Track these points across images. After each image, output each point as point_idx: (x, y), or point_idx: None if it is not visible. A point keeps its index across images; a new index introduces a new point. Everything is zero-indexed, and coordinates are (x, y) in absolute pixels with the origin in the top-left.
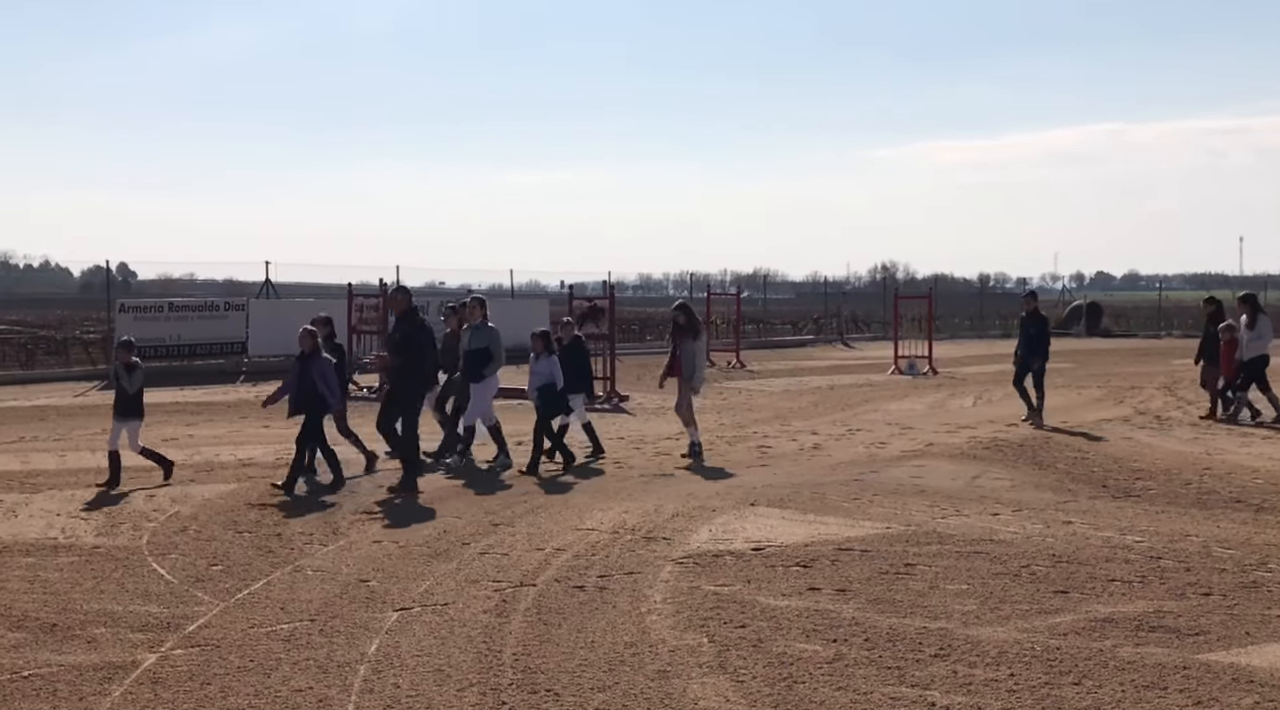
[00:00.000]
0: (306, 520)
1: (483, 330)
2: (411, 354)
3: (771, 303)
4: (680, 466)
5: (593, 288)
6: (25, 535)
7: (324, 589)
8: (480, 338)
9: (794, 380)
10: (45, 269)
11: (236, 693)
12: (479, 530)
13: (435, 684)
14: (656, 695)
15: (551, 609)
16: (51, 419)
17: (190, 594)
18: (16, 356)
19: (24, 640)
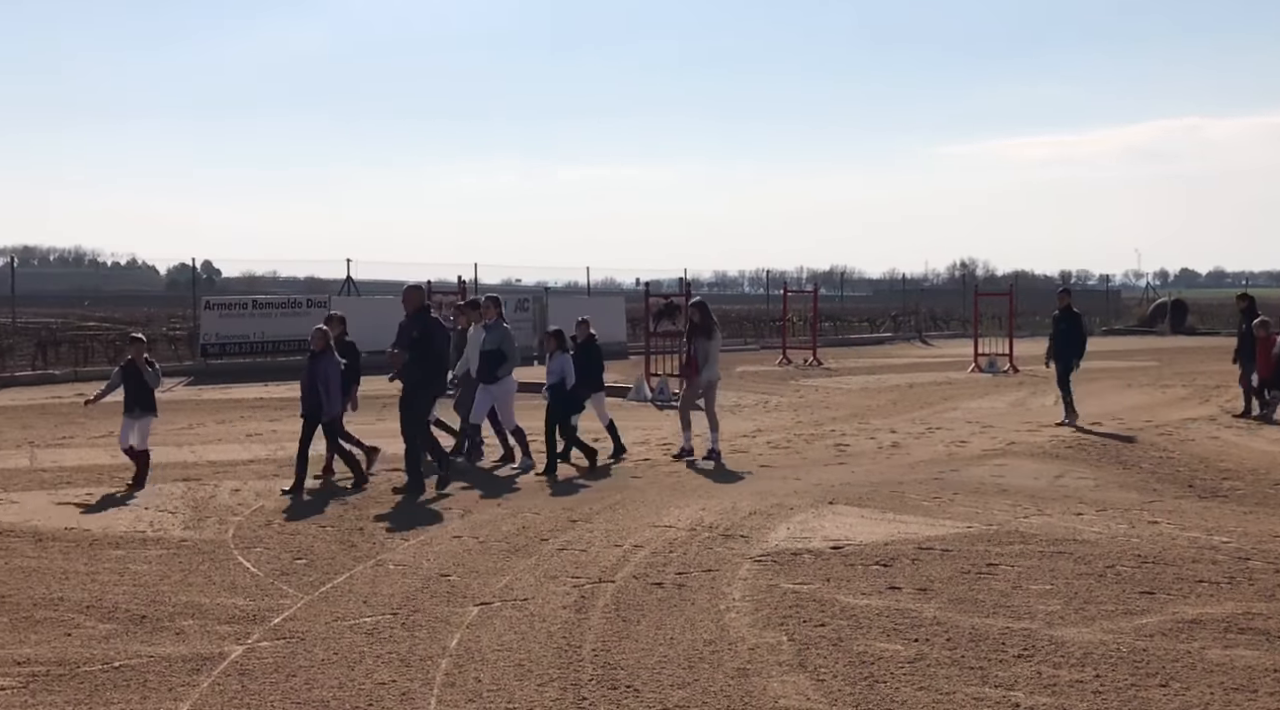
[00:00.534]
0: (388, 515)
1: (496, 330)
2: (428, 352)
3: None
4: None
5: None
6: (115, 528)
7: (405, 583)
8: (494, 338)
9: (872, 378)
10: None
11: (321, 685)
12: (557, 526)
13: (516, 679)
14: (736, 693)
15: (630, 605)
16: None
17: (275, 587)
18: (105, 353)
19: (114, 631)
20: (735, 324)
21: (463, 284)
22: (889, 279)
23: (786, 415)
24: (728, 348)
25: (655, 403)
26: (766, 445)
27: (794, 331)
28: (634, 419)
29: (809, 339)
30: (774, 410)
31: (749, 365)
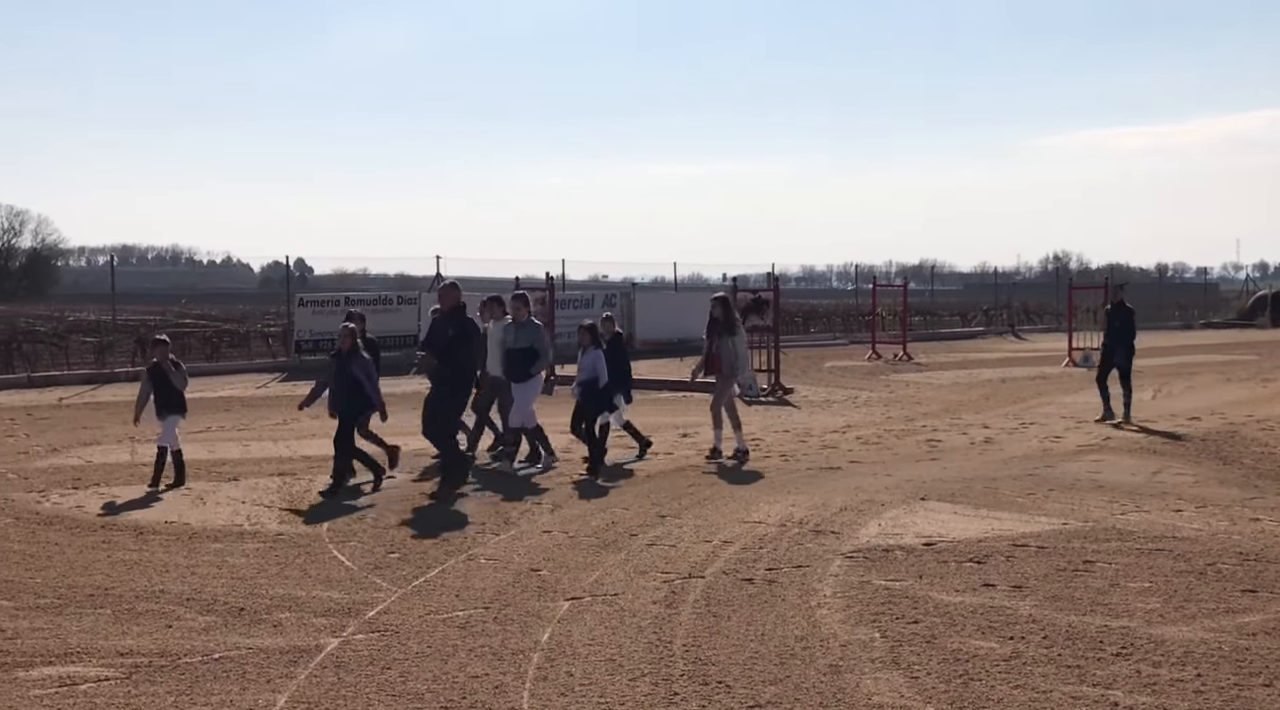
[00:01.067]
0: (478, 510)
1: (528, 328)
2: (463, 352)
3: (939, 294)
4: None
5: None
6: (213, 522)
7: (497, 577)
8: (525, 336)
9: (963, 373)
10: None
11: (415, 678)
12: (647, 522)
13: (607, 673)
14: (829, 690)
15: (720, 601)
16: (236, 409)
17: (369, 581)
18: (202, 350)
19: (213, 623)
20: (823, 319)
21: (550, 280)
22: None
23: (876, 410)
24: (816, 342)
25: (744, 398)
26: (856, 441)
27: (883, 326)
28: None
29: (898, 334)
30: (864, 405)
31: (837, 360)
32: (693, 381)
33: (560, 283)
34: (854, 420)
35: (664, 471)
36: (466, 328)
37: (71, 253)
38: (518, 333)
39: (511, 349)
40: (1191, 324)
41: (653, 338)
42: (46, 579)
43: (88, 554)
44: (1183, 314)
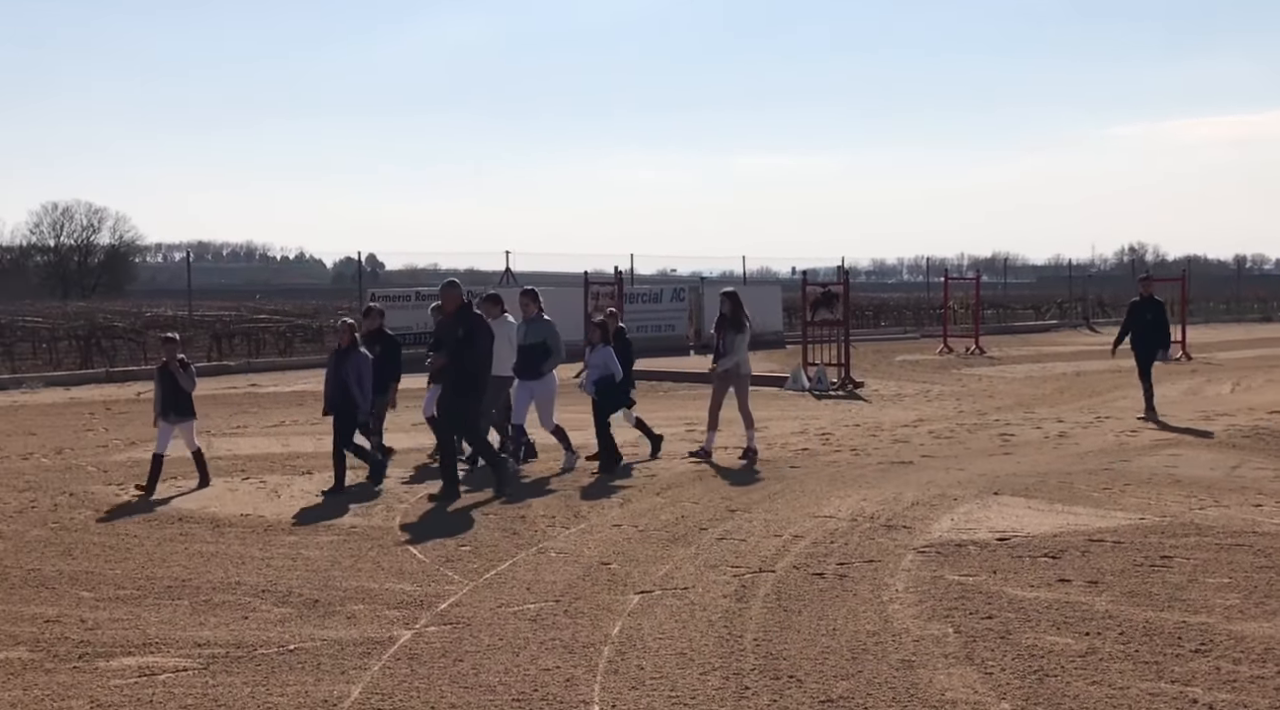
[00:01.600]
0: (548, 503)
1: (539, 324)
2: (470, 352)
3: (1011, 287)
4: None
5: (825, 273)
6: (287, 514)
7: (567, 571)
8: (536, 332)
9: (1037, 366)
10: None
11: (487, 670)
12: (716, 516)
13: (678, 667)
14: (901, 685)
15: (791, 595)
16: (309, 404)
17: (441, 573)
18: (275, 344)
19: (288, 615)
20: (894, 312)
21: (619, 275)
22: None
23: (949, 404)
24: (886, 336)
25: (813, 392)
26: (929, 435)
27: (955, 319)
28: (791, 408)
29: (971, 327)
30: (935, 399)
31: (909, 354)
32: (713, 374)
33: (629, 277)
34: (925, 414)
35: (732, 466)
36: (474, 326)
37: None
38: (529, 329)
39: (523, 346)
40: (1271, 316)
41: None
42: (125, 570)
43: (165, 546)
44: (1262, 306)
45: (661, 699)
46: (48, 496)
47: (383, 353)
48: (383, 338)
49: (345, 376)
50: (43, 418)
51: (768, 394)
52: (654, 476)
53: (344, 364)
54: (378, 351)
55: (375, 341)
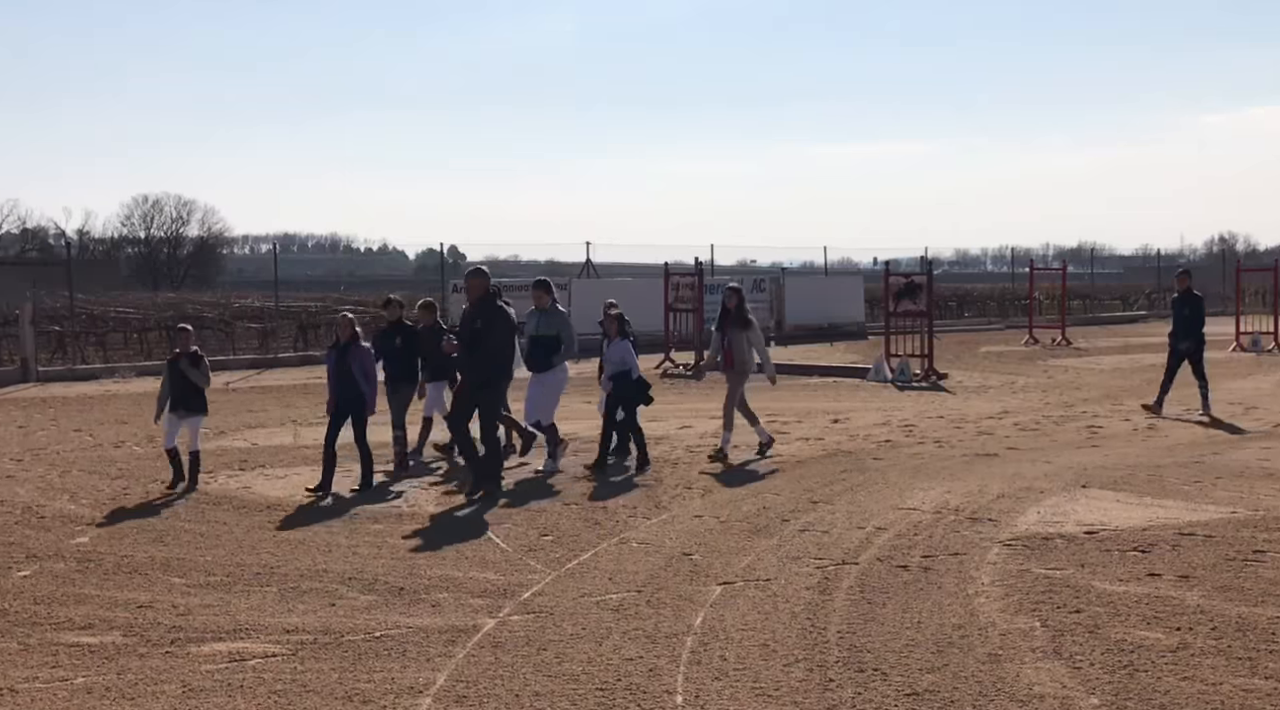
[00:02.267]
0: (629, 495)
1: (553, 315)
2: (493, 342)
3: (1098, 277)
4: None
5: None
6: (373, 503)
7: (649, 561)
8: (550, 323)
9: (1124, 358)
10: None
11: (571, 659)
12: (798, 507)
13: (761, 658)
14: (988, 679)
15: (875, 588)
16: None
17: (524, 562)
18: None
19: (375, 602)
20: (978, 303)
21: (699, 265)
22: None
23: (1034, 396)
24: (971, 327)
25: (896, 383)
26: (1014, 427)
27: (1040, 310)
28: (874, 400)
29: (1056, 318)
30: (1021, 391)
31: (993, 345)
32: (699, 377)
33: (709, 268)
34: (1011, 406)
35: (815, 457)
36: (493, 318)
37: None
38: (541, 320)
39: (534, 336)
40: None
41: (802, 322)
42: (215, 557)
43: (254, 533)
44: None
45: (745, 690)
46: (139, 484)
47: (404, 344)
48: (403, 329)
49: (352, 371)
50: (134, 406)
51: (849, 385)
52: (735, 468)
53: (346, 359)
54: (399, 344)
55: (397, 333)
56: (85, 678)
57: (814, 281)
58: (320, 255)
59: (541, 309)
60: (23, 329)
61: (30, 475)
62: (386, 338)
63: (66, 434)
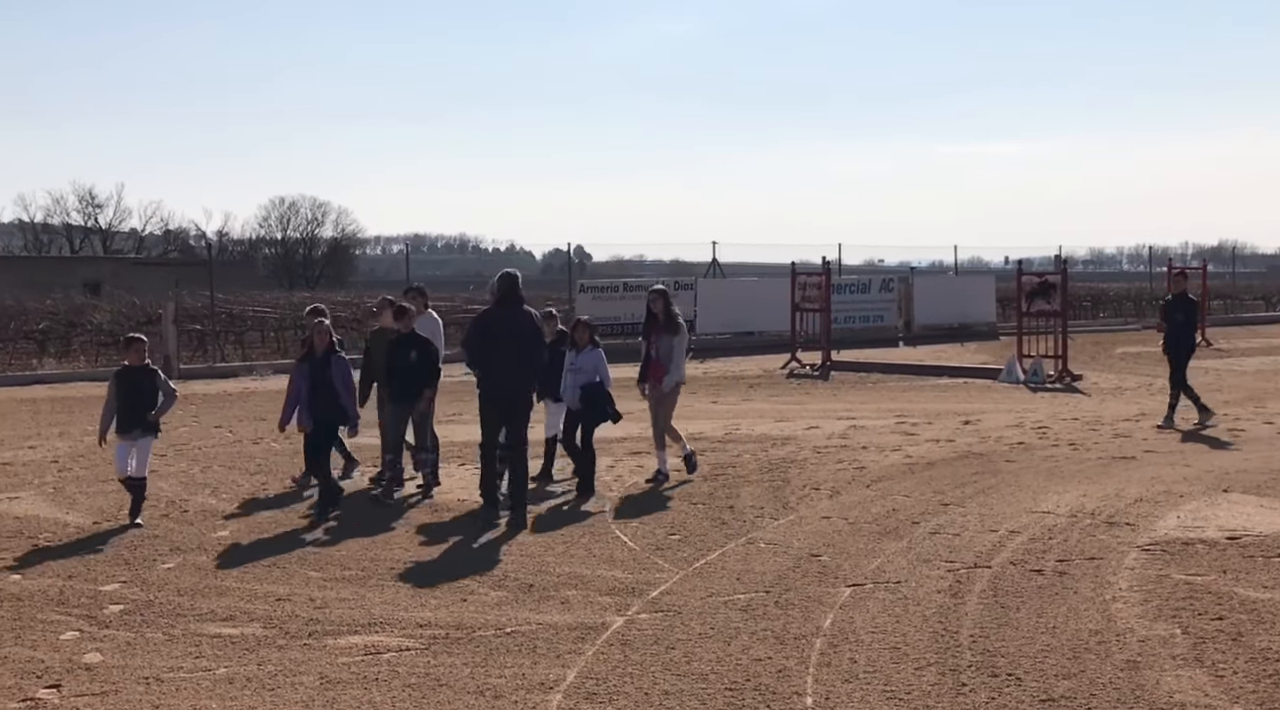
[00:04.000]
0: (756, 494)
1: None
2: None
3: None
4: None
5: (1040, 263)
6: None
7: (777, 562)
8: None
9: (1269, 359)
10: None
11: (699, 658)
12: (928, 509)
13: (892, 661)
14: (1126, 686)
15: (1008, 592)
16: None
17: (651, 561)
18: None
19: (505, 599)
20: (1113, 303)
21: (826, 265)
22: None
23: None
24: (1106, 327)
25: (1029, 384)
26: (1151, 429)
27: None
28: (1006, 401)
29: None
30: (1159, 393)
31: (1129, 346)
32: (644, 394)
33: (837, 267)
34: (1148, 408)
35: (945, 459)
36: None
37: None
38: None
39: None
40: None
41: (931, 323)
42: (351, 552)
43: (389, 529)
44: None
45: (876, 693)
46: (277, 479)
47: (419, 357)
48: (418, 341)
49: (332, 384)
50: (272, 403)
51: (980, 386)
52: (863, 469)
53: (326, 370)
54: (414, 357)
55: (411, 345)
56: (227, 668)
57: (944, 281)
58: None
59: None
60: (165, 327)
61: (173, 470)
62: (401, 348)
63: (208, 430)
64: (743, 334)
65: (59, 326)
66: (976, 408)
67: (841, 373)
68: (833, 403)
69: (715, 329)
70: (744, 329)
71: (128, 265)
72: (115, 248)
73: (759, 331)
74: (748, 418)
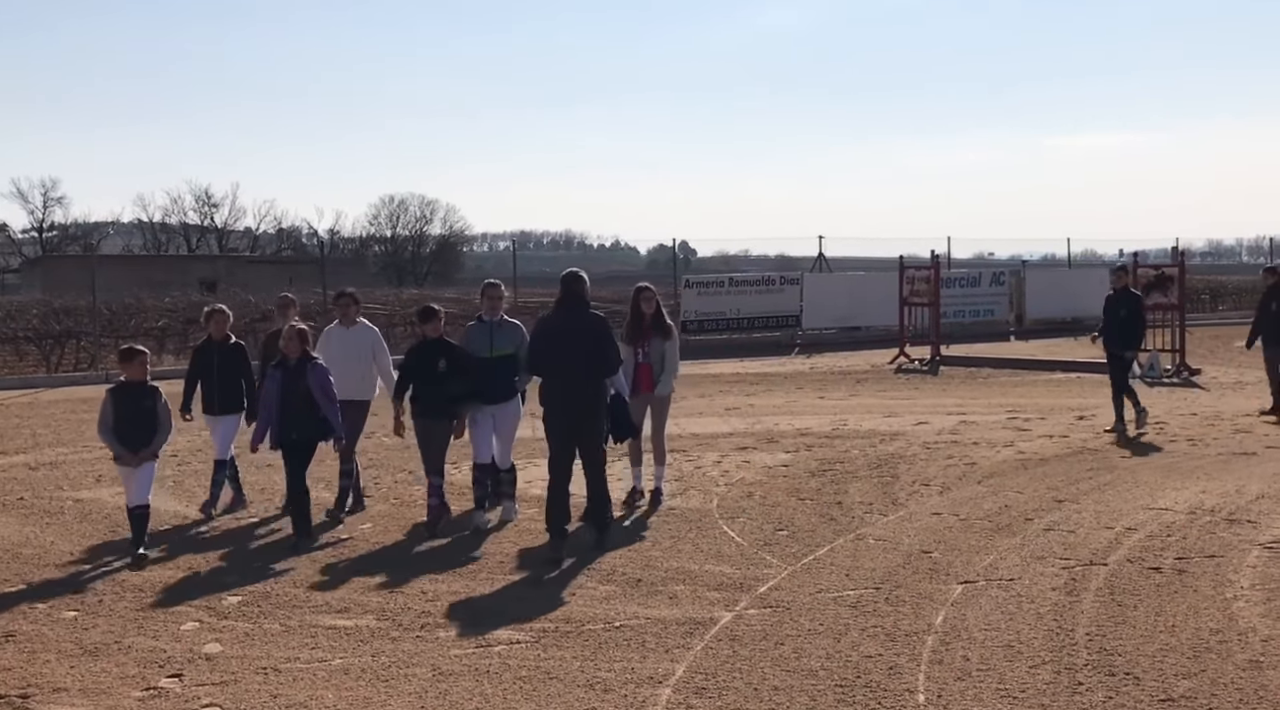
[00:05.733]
0: (865, 490)
1: (507, 329)
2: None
3: None
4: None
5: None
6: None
7: (886, 558)
8: (507, 339)
9: None
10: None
11: (809, 655)
12: (1042, 506)
13: (1005, 659)
14: (1249, 687)
15: (1125, 590)
16: None
17: (759, 557)
18: None
19: (613, 593)
20: (1233, 295)
21: (935, 258)
22: None
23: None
24: (1225, 321)
25: (1145, 379)
26: (1274, 425)
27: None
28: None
29: None
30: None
31: None
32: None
33: (945, 261)
34: (1270, 403)
35: (1059, 454)
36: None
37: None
38: (495, 335)
39: (489, 358)
40: None
41: (1043, 316)
42: (461, 546)
43: (499, 525)
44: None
45: (989, 691)
46: (389, 474)
47: (451, 366)
48: (447, 347)
49: (311, 394)
50: (381, 400)
51: (1094, 381)
52: (974, 465)
53: (300, 381)
54: (442, 366)
55: (439, 352)
56: (342, 659)
57: (1056, 274)
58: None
59: (494, 320)
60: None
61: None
62: (422, 355)
63: None
64: (849, 329)
65: (177, 324)
66: (1091, 403)
67: (951, 367)
68: (942, 398)
69: (822, 324)
70: (850, 324)
71: (242, 263)
72: (230, 246)
73: (866, 326)
74: (855, 413)
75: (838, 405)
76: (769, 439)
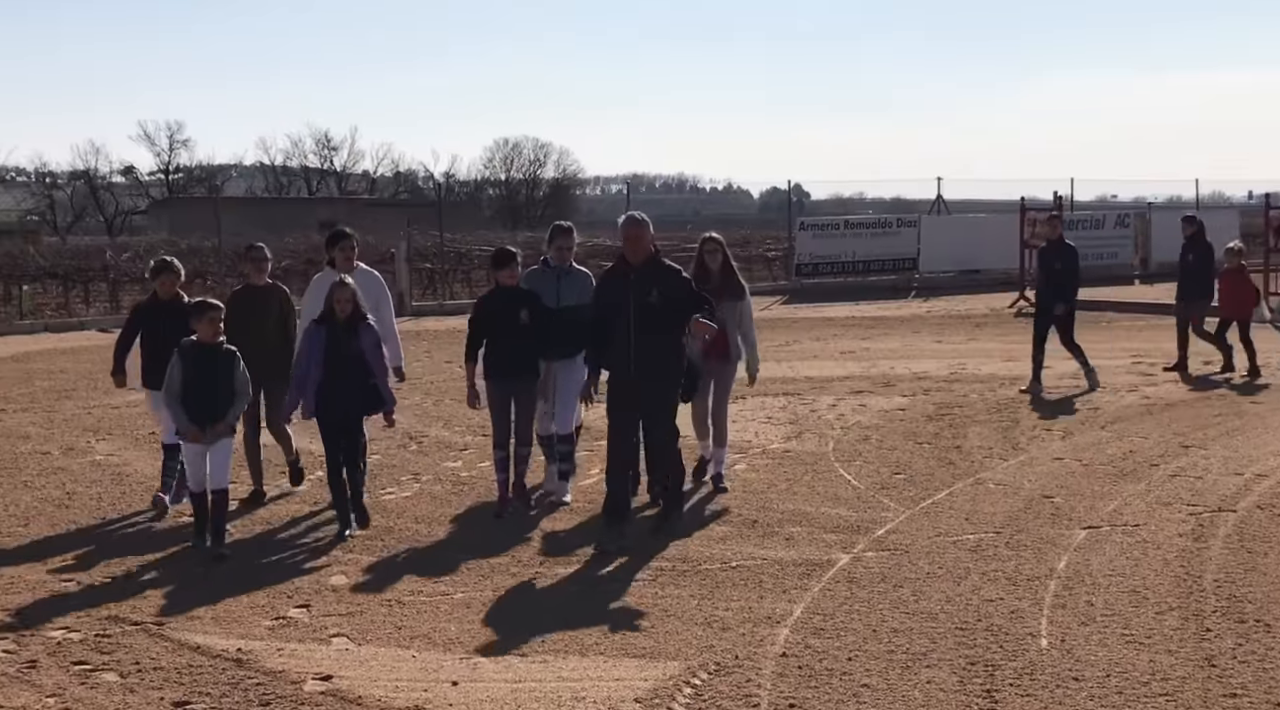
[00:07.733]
0: (984, 434)
1: (574, 276)
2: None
3: None
4: None
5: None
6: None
7: (1007, 503)
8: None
9: None
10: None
11: (928, 597)
12: (1168, 452)
13: (1131, 605)
14: None
15: (1255, 537)
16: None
17: (876, 500)
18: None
19: (730, 533)
20: None
21: (1059, 200)
22: None
23: None
24: None
25: (1275, 325)
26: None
27: None
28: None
29: None
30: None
31: None
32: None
33: (1069, 203)
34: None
35: (1186, 400)
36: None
37: (588, 182)
38: (563, 283)
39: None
40: None
41: (1170, 260)
42: (580, 485)
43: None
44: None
45: (1114, 636)
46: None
47: (533, 319)
48: (527, 297)
49: (364, 359)
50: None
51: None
52: (1097, 410)
53: (352, 343)
54: (525, 317)
55: (520, 301)
56: (464, 593)
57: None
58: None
59: (563, 267)
60: (398, 266)
61: (409, 403)
62: (504, 303)
63: (439, 365)
64: (968, 271)
65: (298, 265)
66: None
67: None
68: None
69: (939, 267)
70: (969, 266)
71: (361, 206)
72: (349, 189)
73: (984, 269)
74: (974, 357)
75: (955, 349)
76: (885, 383)
